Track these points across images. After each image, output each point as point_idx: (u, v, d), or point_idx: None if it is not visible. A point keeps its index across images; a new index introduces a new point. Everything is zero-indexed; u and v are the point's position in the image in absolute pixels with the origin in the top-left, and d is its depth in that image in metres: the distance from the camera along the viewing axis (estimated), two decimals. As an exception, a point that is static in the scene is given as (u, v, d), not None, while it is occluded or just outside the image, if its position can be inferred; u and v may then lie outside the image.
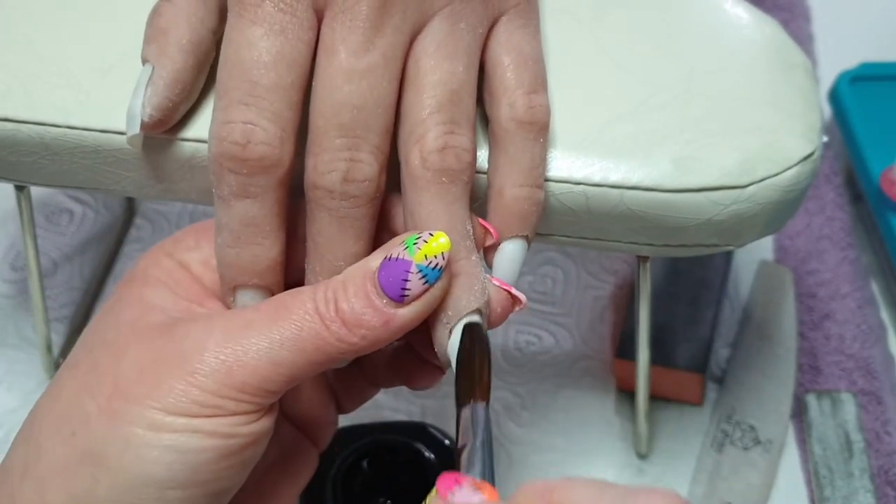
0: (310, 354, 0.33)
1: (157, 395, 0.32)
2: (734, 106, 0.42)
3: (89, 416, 0.33)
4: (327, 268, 0.36)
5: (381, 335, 0.33)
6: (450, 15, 0.37)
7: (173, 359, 0.33)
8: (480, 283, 0.35)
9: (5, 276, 0.61)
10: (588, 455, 0.53)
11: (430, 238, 0.34)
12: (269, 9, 0.35)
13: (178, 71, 0.38)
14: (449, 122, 0.36)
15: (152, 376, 0.33)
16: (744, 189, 0.40)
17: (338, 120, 0.35)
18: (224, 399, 0.33)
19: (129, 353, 0.34)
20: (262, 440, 0.34)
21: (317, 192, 0.35)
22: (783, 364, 0.56)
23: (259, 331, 0.33)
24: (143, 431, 0.32)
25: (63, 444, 0.33)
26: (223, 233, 0.36)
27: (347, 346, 0.33)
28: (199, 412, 0.32)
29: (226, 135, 0.35)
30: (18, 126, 0.41)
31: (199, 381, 0.32)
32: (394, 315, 0.33)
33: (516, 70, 0.38)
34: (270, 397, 0.33)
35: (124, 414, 0.32)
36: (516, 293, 0.37)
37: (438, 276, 0.34)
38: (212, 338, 0.33)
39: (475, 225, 0.37)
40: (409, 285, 0.33)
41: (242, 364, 0.33)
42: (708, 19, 0.45)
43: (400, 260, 0.33)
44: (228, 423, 0.33)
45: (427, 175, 0.36)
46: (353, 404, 0.42)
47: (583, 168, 0.40)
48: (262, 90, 0.35)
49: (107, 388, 0.33)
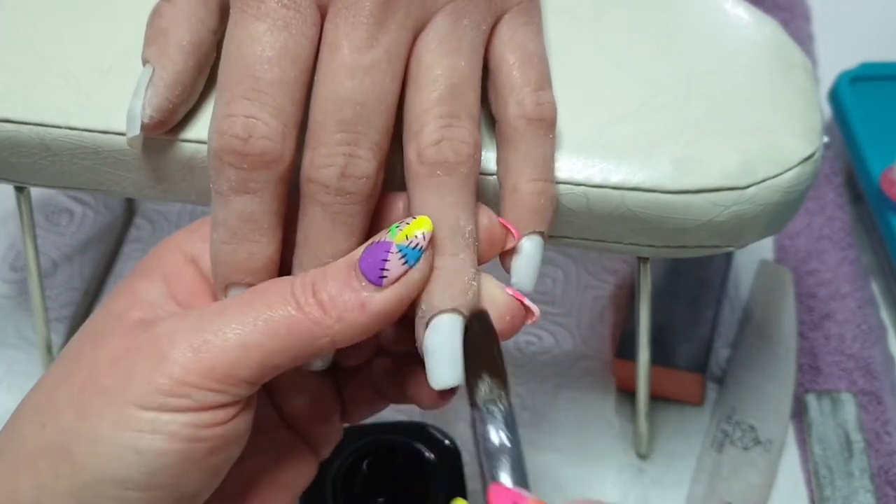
0: (283, 338, 0.32)
1: (125, 386, 0.32)
2: (734, 106, 0.42)
3: (60, 408, 0.33)
4: (316, 264, 0.35)
5: (358, 318, 0.33)
6: (453, 11, 0.37)
7: (145, 347, 0.32)
8: (463, 283, 0.34)
9: (5, 277, 0.61)
10: (588, 455, 0.53)
11: (413, 220, 0.33)
12: (272, 4, 0.35)
13: (179, 72, 0.38)
14: (447, 115, 0.36)
15: (123, 367, 0.32)
16: (744, 190, 0.40)
17: (339, 115, 0.34)
18: (191, 388, 0.32)
19: (107, 344, 0.33)
20: (231, 445, 0.33)
21: (312, 187, 0.35)
22: (783, 364, 0.56)
23: (231, 315, 0.32)
24: (107, 428, 0.32)
25: (35, 434, 0.33)
26: (219, 229, 0.35)
27: (322, 329, 0.32)
28: (164, 403, 0.31)
29: (227, 128, 0.34)
30: (19, 127, 0.41)
31: (166, 368, 0.32)
32: (370, 297, 0.33)
33: (522, 68, 0.38)
34: (242, 387, 0.32)
35: (92, 408, 0.32)
36: (529, 304, 0.36)
37: (418, 256, 0.33)
38: (183, 323, 0.33)
39: (493, 225, 0.36)
40: (388, 265, 0.33)
41: (210, 347, 0.32)
42: (708, 19, 0.45)
43: (381, 242, 0.33)
44: (194, 421, 0.32)
45: (422, 170, 0.35)
46: (360, 415, 0.40)
47: (583, 169, 0.40)
48: (264, 85, 0.35)
49: (80, 379, 0.33)
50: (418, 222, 0.33)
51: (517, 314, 0.35)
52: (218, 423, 0.32)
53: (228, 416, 0.33)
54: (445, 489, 0.47)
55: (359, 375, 0.39)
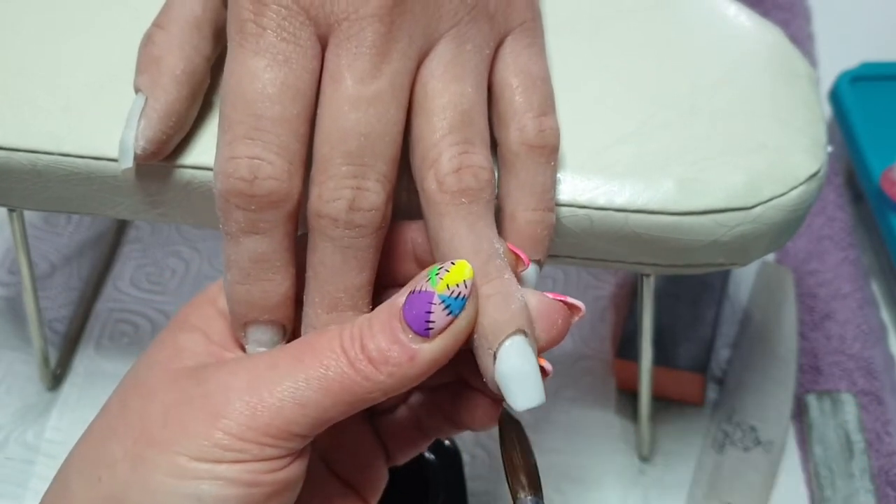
0: (336, 395, 0.32)
1: (180, 439, 0.32)
2: (738, 123, 0.41)
3: (115, 461, 0.32)
4: (328, 299, 0.34)
5: (408, 372, 0.32)
6: (456, 36, 0.36)
7: (198, 402, 0.32)
8: (518, 301, 0.33)
9: (3, 280, 0.61)
10: (588, 455, 0.53)
11: (452, 267, 0.33)
12: (271, 38, 0.34)
13: (172, 103, 0.37)
14: (462, 142, 0.35)
15: (177, 420, 0.32)
16: (750, 210, 0.39)
17: (344, 147, 0.34)
18: (248, 443, 0.31)
19: (157, 396, 0.33)
20: (289, 490, 0.33)
21: (321, 221, 0.34)
22: (784, 364, 0.56)
23: (284, 372, 0.32)
24: (164, 478, 0.31)
25: (89, 488, 0.32)
26: (232, 270, 0.35)
27: (374, 384, 0.32)
28: (221, 457, 0.31)
29: (232, 171, 0.34)
30: (10, 154, 0.40)
31: (223, 424, 0.32)
32: (419, 350, 0.32)
33: (525, 92, 0.37)
34: (297, 441, 0.32)
35: (147, 459, 0.32)
36: (573, 301, 0.35)
37: (462, 305, 0.32)
38: (237, 379, 0.32)
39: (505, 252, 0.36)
40: (433, 317, 0.32)
41: (267, 405, 0.32)
42: (709, 29, 0.45)
43: (423, 292, 0.32)
44: (252, 469, 0.32)
45: (445, 199, 0.34)
46: (404, 455, 0.40)
47: (587, 191, 0.39)
48: (267, 123, 0.34)
49: (133, 431, 0.33)
50: (458, 270, 0.33)
51: (565, 314, 0.35)
52: (275, 471, 0.32)
53: (285, 465, 0.32)
54: (445, 489, 0.47)
55: (397, 416, 0.39)
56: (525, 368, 0.33)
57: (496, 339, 0.33)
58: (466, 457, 0.49)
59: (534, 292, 0.35)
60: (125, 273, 0.61)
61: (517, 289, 0.34)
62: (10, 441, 0.54)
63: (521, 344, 0.33)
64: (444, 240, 0.35)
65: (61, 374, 0.56)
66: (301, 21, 0.35)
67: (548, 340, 0.34)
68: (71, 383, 0.56)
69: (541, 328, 0.34)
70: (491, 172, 0.35)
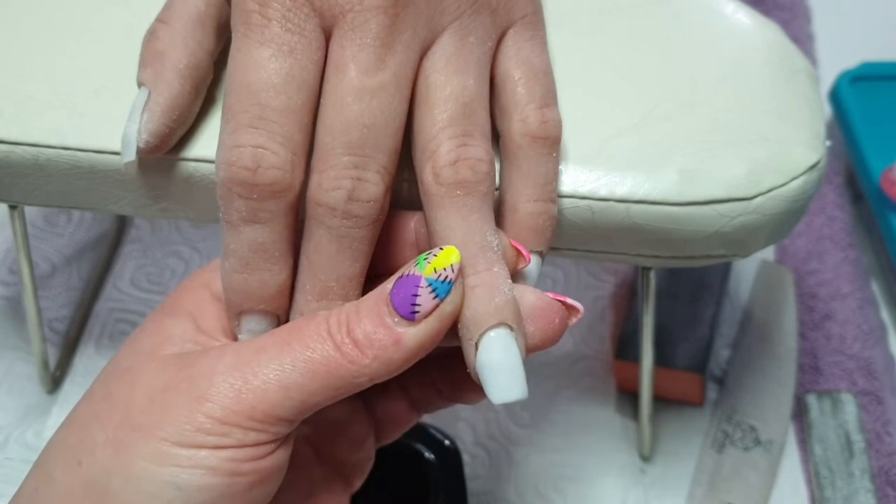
0: (322, 378, 0.32)
1: (163, 423, 0.32)
2: (738, 116, 0.41)
3: (96, 446, 0.32)
4: (319, 287, 0.35)
5: (394, 356, 0.32)
6: (459, 29, 0.37)
7: (183, 385, 0.32)
8: (504, 295, 0.33)
9: (4, 280, 0.61)
10: (588, 455, 0.53)
11: (440, 252, 0.33)
12: (276, 29, 0.34)
13: (176, 97, 0.37)
14: (461, 134, 0.35)
15: (161, 404, 0.32)
16: (751, 201, 0.39)
17: (346, 138, 0.34)
18: (231, 427, 0.31)
19: (142, 381, 0.33)
20: (271, 480, 0.33)
21: (318, 210, 0.34)
22: (784, 364, 0.56)
23: (270, 355, 0.32)
24: (145, 464, 0.31)
25: (69, 473, 0.32)
26: (231, 258, 0.35)
27: (359, 368, 0.32)
28: (204, 442, 0.31)
29: (235, 159, 0.34)
30: (12, 148, 0.41)
31: (207, 408, 0.32)
32: (404, 334, 0.32)
33: (527, 84, 0.38)
34: (282, 426, 0.32)
35: (129, 444, 0.32)
36: (572, 302, 0.35)
37: (449, 289, 0.32)
38: (222, 363, 0.32)
39: (506, 247, 0.36)
40: (420, 300, 0.32)
41: (251, 388, 0.32)
42: (709, 26, 0.45)
43: (410, 276, 0.32)
44: (234, 456, 0.32)
45: (441, 190, 0.35)
46: (394, 433, 0.40)
47: (588, 182, 0.39)
48: (271, 113, 0.34)
49: (116, 416, 0.32)
50: (446, 254, 0.33)
51: (562, 314, 0.35)
52: (257, 458, 0.32)
53: (268, 451, 0.32)
54: (445, 489, 0.47)
55: (390, 390, 0.39)
56: (505, 361, 0.33)
57: (477, 331, 0.33)
58: (466, 457, 0.49)
59: (533, 290, 0.35)
60: (125, 273, 0.61)
61: (506, 283, 0.34)
62: (10, 441, 0.54)
63: (503, 336, 0.33)
64: (438, 231, 0.35)
65: (61, 376, 0.56)
66: (306, 12, 0.35)
67: (543, 339, 0.34)
68: (71, 383, 0.56)
69: (537, 326, 0.34)
70: (490, 165, 0.36)
